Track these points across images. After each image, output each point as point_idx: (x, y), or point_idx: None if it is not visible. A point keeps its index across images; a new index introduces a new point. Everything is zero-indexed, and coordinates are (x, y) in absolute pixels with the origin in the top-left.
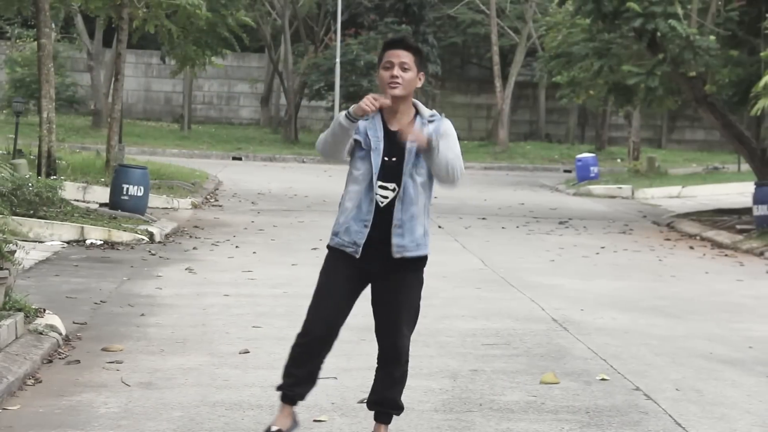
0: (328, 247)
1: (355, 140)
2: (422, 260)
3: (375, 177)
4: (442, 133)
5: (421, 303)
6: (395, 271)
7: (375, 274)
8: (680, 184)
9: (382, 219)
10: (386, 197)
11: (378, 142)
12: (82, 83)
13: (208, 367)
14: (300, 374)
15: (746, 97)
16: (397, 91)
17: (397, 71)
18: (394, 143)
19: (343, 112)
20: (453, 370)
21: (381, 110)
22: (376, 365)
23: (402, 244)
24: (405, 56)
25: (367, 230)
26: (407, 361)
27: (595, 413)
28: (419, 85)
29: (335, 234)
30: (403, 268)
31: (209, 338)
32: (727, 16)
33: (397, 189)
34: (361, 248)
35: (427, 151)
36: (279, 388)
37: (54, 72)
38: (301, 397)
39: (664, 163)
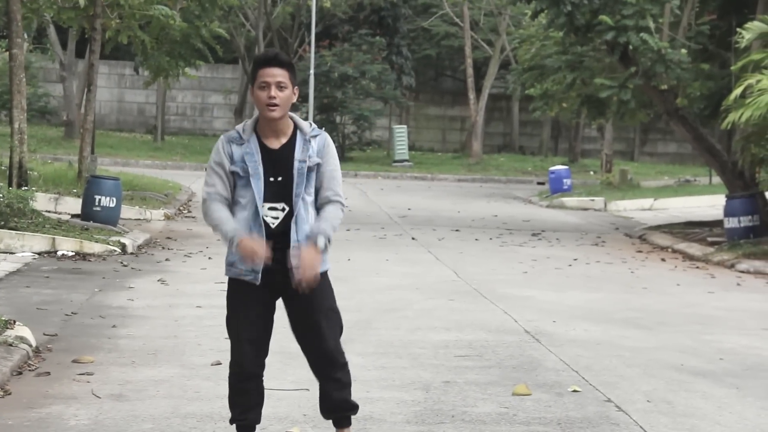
0: (229, 278)
1: (233, 172)
2: (322, 274)
3: (260, 202)
4: (327, 151)
5: (394, 315)
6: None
7: (281, 289)
8: (652, 197)
9: (277, 239)
10: (277, 218)
11: (257, 167)
12: (55, 94)
13: (180, 379)
14: (245, 401)
15: (717, 111)
16: (276, 113)
17: (273, 92)
18: (277, 162)
19: (234, 236)
20: (425, 381)
21: (256, 131)
22: (317, 376)
23: (299, 265)
24: (280, 74)
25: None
26: (345, 364)
27: (567, 425)
28: (294, 100)
29: (230, 264)
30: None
31: (181, 350)
32: (699, 30)
33: (286, 208)
34: (260, 274)
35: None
36: (232, 421)
37: (26, 82)
38: (257, 422)
39: (637, 176)
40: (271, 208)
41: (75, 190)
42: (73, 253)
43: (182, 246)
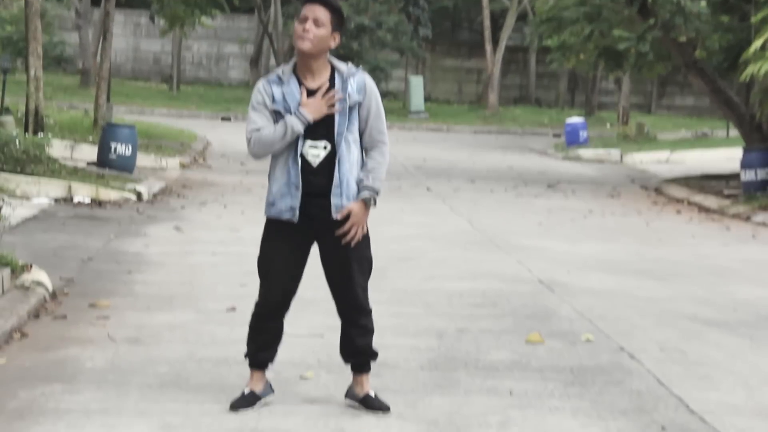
0: (267, 218)
1: (275, 111)
2: None
3: (300, 141)
4: (368, 91)
5: (409, 264)
6: (339, 227)
7: (318, 233)
8: (669, 150)
9: (318, 178)
10: (318, 156)
11: (298, 105)
12: (71, 42)
13: (195, 324)
14: (262, 340)
15: (736, 63)
16: (304, 45)
17: (309, 25)
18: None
19: (294, 119)
20: (439, 329)
21: (295, 72)
22: (342, 319)
23: (341, 204)
24: (320, 12)
25: (299, 192)
26: (370, 311)
27: (580, 372)
28: (333, 45)
29: (271, 204)
30: (345, 224)
31: (196, 295)
32: None
33: (328, 147)
34: (297, 211)
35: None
36: (246, 355)
37: (42, 30)
38: (270, 361)
39: (653, 129)
40: (312, 146)
41: (91, 138)
42: (89, 200)
43: (197, 194)
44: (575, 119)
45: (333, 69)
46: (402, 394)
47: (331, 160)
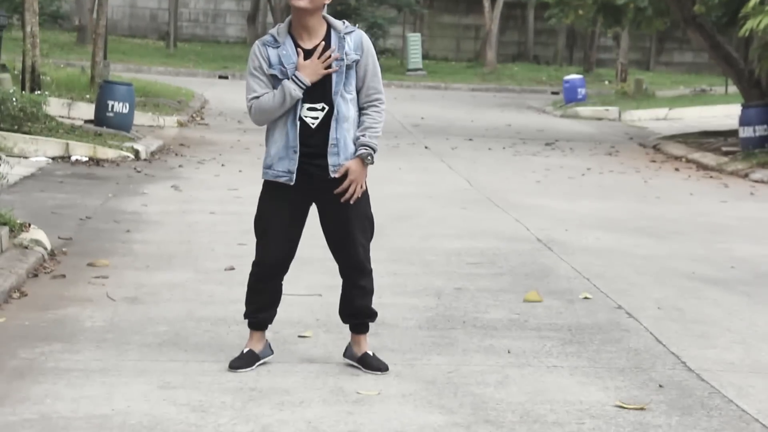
0: (265, 181)
1: (272, 75)
2: None
3: (298, 103)
4: (365, 49)
5: (407, 223)
6: (337, 186)
7: (317, 193)
8: (667, 107)
9: (315, 139)
10: (316, 118)
11: (293, 67)
12: None
13: (194, 283)
14: (261, 301)
15: (735, 18)
16: (301, 3)
17: None
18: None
19: (292, 85)
20: (437, 288)
21: (290, 32)
22: (343, 279)
23: (338, 163)
24: None
25: (297, 155)
26: (371, 271)
27: (578, 331)
28: (328, 1)
29: (268, 167)
30: (343, 183)
31: (195, 255)
32: None
33: (326, 107)
34: (294, 174)
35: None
36: (245, 316)
37: None
38: (269, 322)
39: (652, 86)
40: (310, 108)
41: (88, 96)
42: (87, 159)
43: (195, 153)
44: (573, 76)
45: (329, 27)
46: (400, 353)
47: (328, 120)
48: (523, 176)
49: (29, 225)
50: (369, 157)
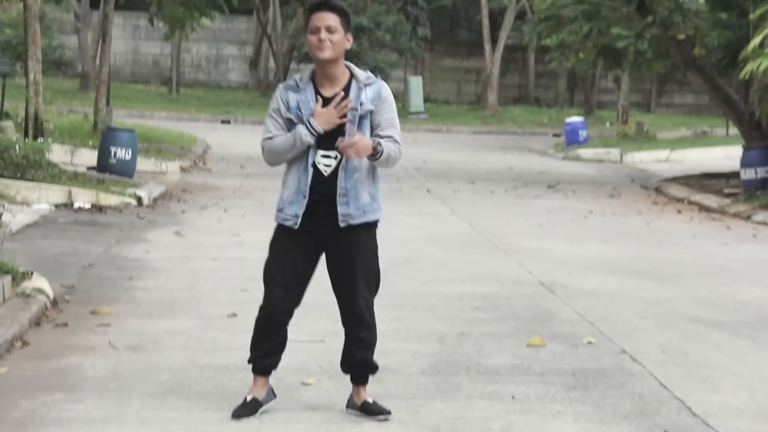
0: (276, 224)
1: (288, 119)
2: (371, 225)
3: (312, 150)
4: (383, 99)
5: (409, 267)
6: (346, 236)
7: (325, 240)
8: (669, 148)
9: (327, 187)
10: (330, 165)
11: (310, 114)
12: (70, 45)
13: (196, 331)
14: (267, 346)
15: (735, 61)
16: (326, 54)
17: (324, 34)
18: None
19: (304, 130)
20: (440, 333)
21: (313, 79)
22: (345, 329)
23: (347, 213)
24: (331, 18)
25: (305, 201)
26: (372, 324)
27: (582, 375)
28: (348, 46)
29: (279, 210)
30: (353, 234)
31: (197, 301)
32: None
33: (339, 156)
34: (300, 219)
35: (371, 156)
36: (250, 361)
37: (41, 33)
38: (273, 367)
39: (653, 127)
40: (324, 156)
41: (90, 142)
42: (90, 205)
43: (198, 198)
44: (575, 119)
45: (351, 76)
46: (404, 399)
47: (338, 168)
48: (526, 219)
49: (32, 273)
50: (378, 146)
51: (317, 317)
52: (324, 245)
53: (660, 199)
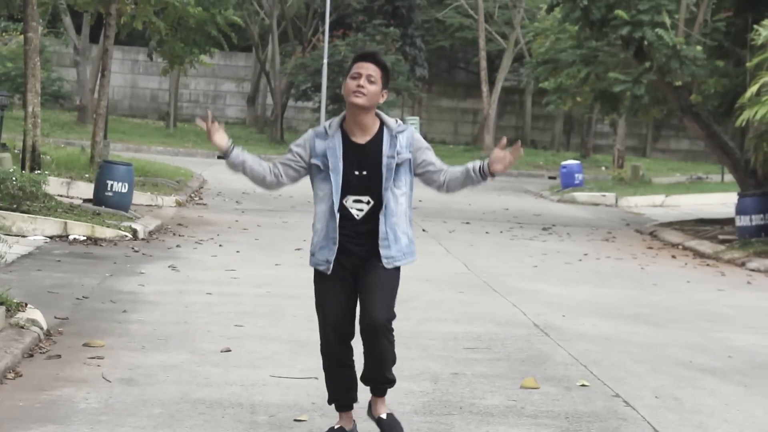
0: (313, 269)
1: (314, 164)
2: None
3: (336, 196)
4: (417, 142)
5: (404, 306)
6: (373, 271)
7: (358, 268)
8: (664, 193)
9: (361, 229)
10: (361, 210)
11: (337, 162)
12: (68, 78)
13: (190, 365)
14: (338, 383)
15: (731, 108)
16: (360, 101)
17: (363, 81)
18: (362, 156)
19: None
20: (434, 373)
21: (342, 127)
22: (363, 346)
23: (391, 255)
24: (373, 70)
25: (336, 247)
26: (390, 341)
27: (575, 419)
28: (382, 101)
29: (312, 254)
30: (379, 268)
31: (191, 336)
32: (714, 27)
33: (371, 201)
34: (332, 264)
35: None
36: (331, 401)
37: (40, 66)
38: (354, 401)
39: (649, 172)
40: (356, 201)
41: (87, 175)
42: (85, 238)
43: (193, 233)
44: (571, 162)
45: (381, 124)
46: None
47: (375, 213)
48: (520, 260)
49: (26, 304)
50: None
51: (310, 353)
52: (356, 272)
53: (655, 243)
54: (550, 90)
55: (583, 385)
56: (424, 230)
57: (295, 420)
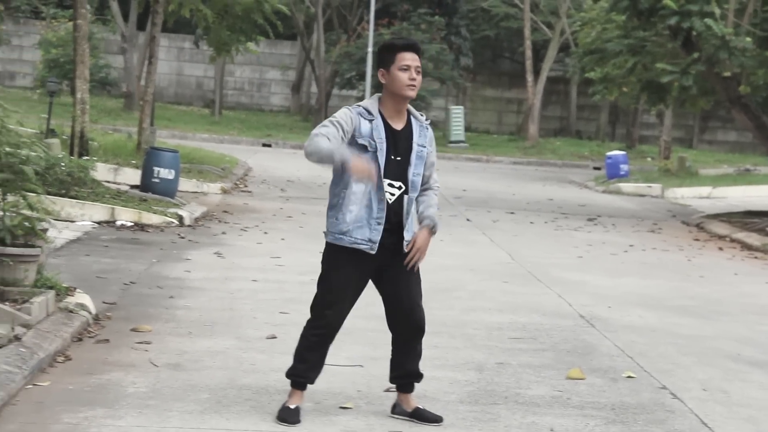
0: (336, 246)
1: (362, 144)
2: None
3: (382, 176)
4: (432, 141)
5: (448, 295)
6: (403, 256)
7: (386, 261)
8: (711, 185)
9: (390, 213)
10: (393, 194)
11: (382, 143)
12: (115, 65)
13: (236, 351)
14: (315, 359)
15: None
16: (414, 93)
17: (414, 74)
18: (399, 142)
19: (341, 157)
20: (479, 362)
21: (381, 112)
22: (398, 343)
23: (409, 238)
24: (418, 61)
25: (381, 227)
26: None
27: (621, 410)
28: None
29: (343, 233)
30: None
31: (237, 322)
32: (764, 17)
33: (402, 186)
34: (377, 244)
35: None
36: (292, 374)
37: (88, 53)
38: (313, 381)
39: (695, 163)
40: (389, 185)
41: (134, 162)
42: (132, 224)
43: (238, 220)
44: (616, 152)
45: (409, 113)
46: (441, 428)
47: (400, 198)
48: (565, 251)
49: (75, 289)
50: (434, 227)
51: (355, 342)
52: (380, 266)
53: (701, 235)
54: (597, 80)
55: (629, 377)
56: (468, 220)
57: (341, 407)
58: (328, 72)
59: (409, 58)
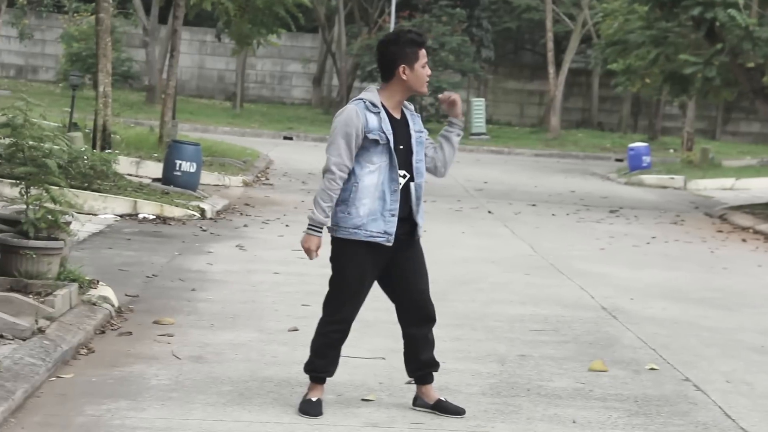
0: (349, 241)
1: (373, 139)
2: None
3: (395, 169)
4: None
5: (470, 287)
6: (412, 246)
7: (398, 251)
8: (734, 176)
9: (399, 203)
10: (400, 183)
11: (390, 135)
12: (137, 59)
13: (258, 344)
14: (333, 355)
15: None
16: (427, 90)
17: (429, 71)
18: (399, 131)
19: (316, 230)
20: (501, 354)
21: (383, 103)
22: (411, 334)
23: (421, 224)
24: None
25: (396, 219)
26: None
27: (644, 402)
28: None
29: (357, 227)
30: (416, 243)
31: (258, 315)
32: None
33: (407, 175)
34: (393, 236)
35: (458, 124)
36: (312, 370)
37: (111, 47)
38: (332, 375)
39: (718, 155)
40: (398, 175)
41: (156, 155)
42: (154, 217)
43: (260, 213)
44: (639, 144)
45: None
46: (463, 419)
47: (407, 186)
48: (587, 243)
49: (97, 282)
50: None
51: (376, 334)
52: (391, 257)
53: (724, 227)
54: (619, 71)
55: (652, 369)
56: (489, 212)
57: (363, 399)
58: (350, 65)
59: (425, 55)
